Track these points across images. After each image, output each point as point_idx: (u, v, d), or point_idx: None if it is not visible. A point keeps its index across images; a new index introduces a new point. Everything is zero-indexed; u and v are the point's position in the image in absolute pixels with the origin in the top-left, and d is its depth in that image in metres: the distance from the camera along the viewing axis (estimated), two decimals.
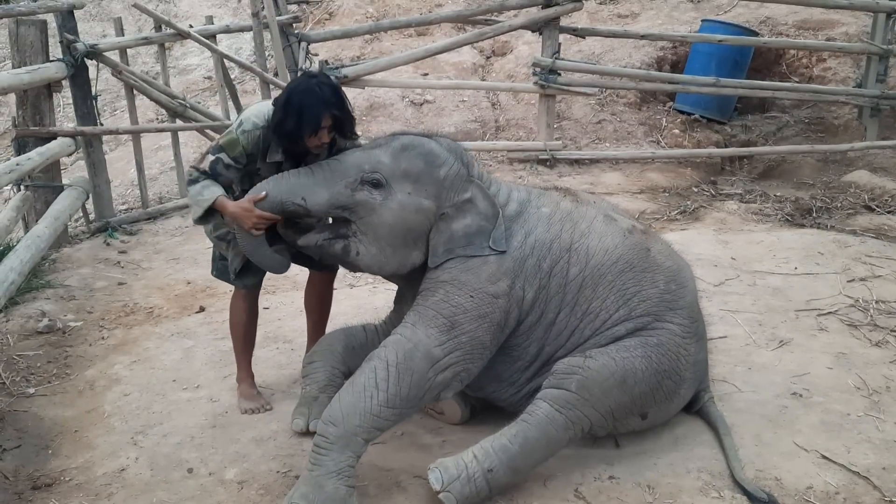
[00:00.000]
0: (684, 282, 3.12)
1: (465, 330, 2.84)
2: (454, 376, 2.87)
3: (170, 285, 5.02)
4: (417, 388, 2.78)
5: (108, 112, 9.09)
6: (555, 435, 2.81)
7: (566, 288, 2.96)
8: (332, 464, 2.65)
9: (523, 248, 2.96)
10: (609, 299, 2.96)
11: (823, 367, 3.68)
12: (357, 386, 2.75)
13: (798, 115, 8.63)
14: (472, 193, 2.98)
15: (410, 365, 2.76)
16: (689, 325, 3.05)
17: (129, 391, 3.62)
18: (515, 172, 7.48)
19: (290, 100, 2.97)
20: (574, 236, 3.01)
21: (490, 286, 2.88)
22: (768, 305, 4.42)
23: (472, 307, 2.85)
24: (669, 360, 2.96)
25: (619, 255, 3.00)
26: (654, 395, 2.97)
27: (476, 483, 2.69)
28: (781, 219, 6.26)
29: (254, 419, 3.33)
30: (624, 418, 2.98)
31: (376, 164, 2.96)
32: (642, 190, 7.20)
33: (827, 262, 5.06)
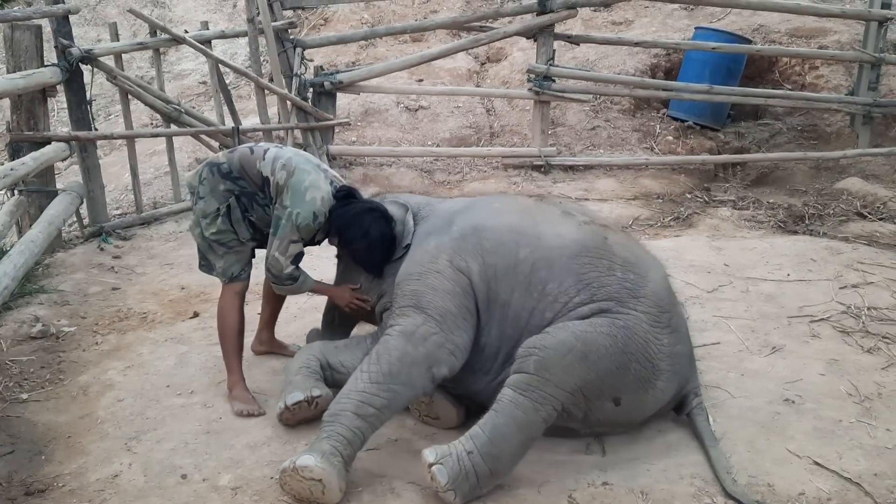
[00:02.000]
0: (644, 272, 3.12)
1: (427, 303, 3.04)
2: (437, 347, 2.99)
3: (164, 291, 5.01)
4: (400, 362, 2.95)
5: (102, 117, 9.07)
6: (523, 418, 2.82)
7: (517, 268, 3.04)
8: (326, 433, 2.87)
9: (463, 230, 3.17)
10: (567, 282, 3.00)
11: (816, 374, 3.70)
12: (352, 376, 3.03)
13: (791, 122, 8.68)
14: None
15: (388, 346, 3.00)
16: (658, 314, 3.03)
17: (123, 397, 3.61)
18: (510, 178, 7.50)
19: (379, 237, 3.39)
20: (525, 223, 3.15)
21: (430, 264, 3.13)
22: (761, 312, 4.44)
23: (422, 284, 3.09)
24: (637, 344, 2.95)
25: (572, 239, 3.08)
26: (624, 378, 2.94)
27: (462, 463, 2.75)
28: (774, 225, 6.29)
29: (248, 425, 3.32)
30: (595, 400, 2.96)
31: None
32: (636, 196, 7.22)
33: (819, 269, 5.09)
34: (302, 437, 3.22)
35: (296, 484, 2.79)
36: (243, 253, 3.59)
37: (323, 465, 2.75)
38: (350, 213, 3.40)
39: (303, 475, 2.76)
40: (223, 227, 3.48)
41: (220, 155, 3.61)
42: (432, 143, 8.13)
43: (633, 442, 3.16)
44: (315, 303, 4.70)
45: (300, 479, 2.77)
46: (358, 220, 3.37)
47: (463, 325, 3.04)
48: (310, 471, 2.75)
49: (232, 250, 3.54)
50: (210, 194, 3.48)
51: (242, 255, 3.58)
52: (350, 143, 7.99)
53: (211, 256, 3.57)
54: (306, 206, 3.38)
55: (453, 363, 3.02)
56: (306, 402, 3.20)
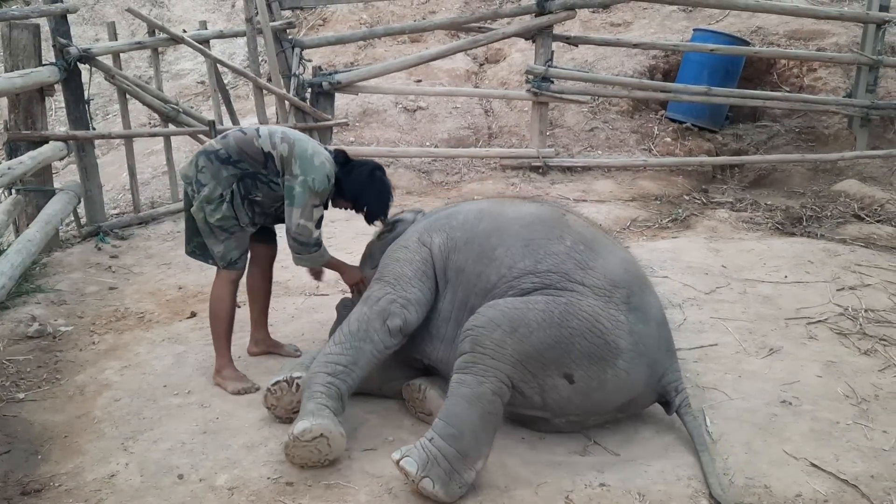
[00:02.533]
0: (597, 248, 3.17)
1: (387, 272, 3.35)
2: (389, 303, 3.23)
3: (161, 290, 5.00)
4: (358, 322, 3.23)
5: (100, 116, 9.08)
6: (469, 392, 2.88)
7: (475, 240, 3.26)
8: (305, 397, 3.07)
9: (437, 217, 3.48)
10: (514, 248, 3.15)
11: (813, 376, 3.70)
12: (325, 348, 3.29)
13: (789, 124, 8.69)
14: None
15: (350, 315, 3.30)
16: (609, 289, 3.04)
17: (120, 396, 3.60)
18: (508, 179, 7.50)
19: (385, 187, 3.71)
20: (492, 207, 3.41)
21: (404, 243, 3.46)
22: (759, 314, 4.45)
23: (389, 259, 3.42)
24: (581, 320, 2.95)
25: (529, 213, 3.31)
26: (569, 353, 2.94)
27: (427, 449, 2.81)
28: (772, 227, 6.30)
29: (245, 425, 3.32)
30: (542, 375, 2.96)
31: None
32: (634, 198, 7.23)
33: (817, 271, 5.09)
34: None
35: (302, 451, 2.93)
36: (243, 239, 3.67)
37: (316, 421, 2.91)
38: (360, 178, 3.65)
39: (304, 439, 2.90)
40: (227, 212, 3.55)
41: (212, 142, 3.66)
42: (430, 144, 8.13)
43: (630, 443, 3.16)
44: (312, 304, 4.70)
45: (304, 444, 2.90)
46: (370, 182, 3.66)
47: (417, 284, 3.28)
48: (309, 432, 2.89)
49: (233, 236, 3.61)
50: (213, 180, 3.53)
51: (242, 241, 3.67)
52: (348, 144, 7.99)
53: (211, 241, 3.63)
54: (318, 171, 3.51)
55: (405, 315, 3.22)
56: (286, 382, 3.28)
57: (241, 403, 3.50)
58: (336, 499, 2.83)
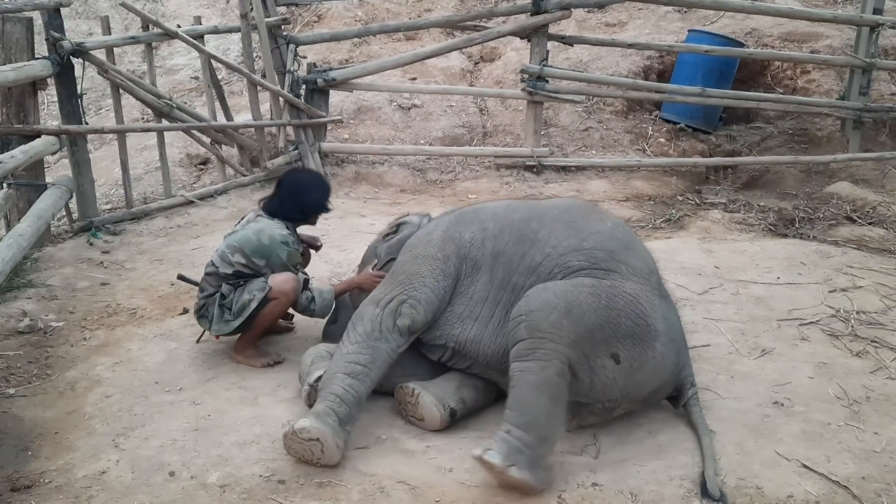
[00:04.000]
0: (633, 236, 3.37)
1: (400, 272, 3.38)
2: (398, 304, 3.28)
3: (153, 286, 4.98)
4: (371, 322, 3.26)
5: (93, 111, 9.02)
6: (535, 379, 2.91)
7: (512, 227, 3.30)
8: (321, 397, 3.12)
9: (465, 213, 3.52)
10: (557, 229, 3.22)
11: (805, 377, 3.72)
12: (336, 348, 3.36)
13: (782, 126, 8.72)
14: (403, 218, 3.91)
15: (360, 314, 3.34)
16: (647, 272, 3.18)
17: (111, 393, 3.59)
18: (502, 178, 7.50)
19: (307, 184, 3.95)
20: (520, 202, 3.50)
21: (427, 237, 3.46)
22: (751, 315, 4.46)
23: (409, 256, 3.43)
24: (625, 301, 3.03)
25: (566, 202, 3.45)
26: (616, 332, 2.99)
27: (508, 441, 2.84)
28: (765, 228, 6.31)
29: (237, 422, 3.31)
30: (594, 357, 2.99)
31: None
32: (628, 198, 7.24)
33: (809, 273, 5.11)
34: None
35: (297, 446, 2.97)
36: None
37: (317, 424, 2.93)
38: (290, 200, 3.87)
39: (301, 437, 2.94)
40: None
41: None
42: (425, 142, 8.12)
43: (623, 443, 3.16)
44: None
45: (300, 441, 2.94)
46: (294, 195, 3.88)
47: (430, 283, 3.31)
48: (307, 432, 2.92)
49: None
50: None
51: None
52: (342, 141, 7.97)
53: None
54: (278, 247, 3.76)
55: (414, 315, 3.27)
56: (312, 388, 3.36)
57: (232, 401, 3.49)
58: (328, 497, 2.83)
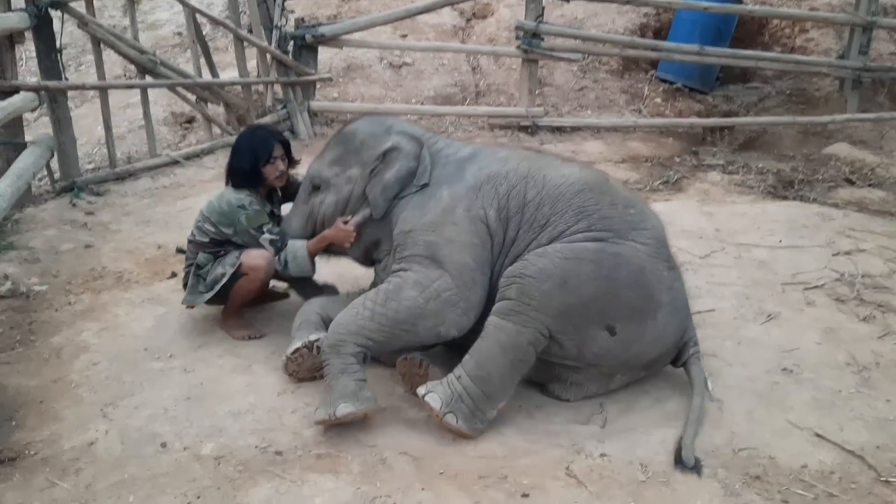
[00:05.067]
0: (645, 211, 3.19)
1: (444, 256, 3.03)
2: (450, 306, 3.00)
3: (140, 249, 4.82)
4: (408, 312, 2.99)
5: (73, 67, 8.72)
6: (506, 340, 2.87)
7: (524, 209, 3.08)
8: (336, 367, 2.93)
9: (478, 178, 3.16)
10: (567, 213, 3.04)
11: (812, 343, 3.63)
12: (350, 305, 3.09)
13: (779, 86, 8.57)
14: (394, 140, 3.28)
15: (400, 292, 3.01)
16: (656, 247, 3.06)
17: (98, 360, 3.45)
18: (496, 139, 7.33)
19: (241, 142, 3.67)
20: (531, 169, 3.17)
21: (447, 216, 3.10)
22: (755, 279, 4.37)
23: (438, 236, 3.07)
24: (629, 271, 2.94)
25: (576, 178, 3.12)
26: (614, 305, 2.92)
27: (452, 386, 2.86)
28: (764, 191, 6.20)
29: (231, 390, 3.19)
30: (584, 328, 2.93)
31: (311, 173, 3.52)
32: (624, 159, 7.10)
33: (811, 236, 5.01)
34: (288, 405, 3.10)
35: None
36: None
37: (363, 405, 2.86)
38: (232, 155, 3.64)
39: (346, 420, 2.85)
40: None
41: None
42: (416, 101, 7.92)
43: (630, 411, 3.07)
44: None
45: (341, 422, 2.86)
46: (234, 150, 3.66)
47: (480, 279, 3.05)
48: (353, 415, 2.84)
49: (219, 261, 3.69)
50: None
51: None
52: (332, 100, 7.77)
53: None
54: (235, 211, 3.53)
55: (463, 324, 3.05)
56: (305, 348, 3.19)
57: (225, 369, 3.37)
58: (328, 469, 2.72)
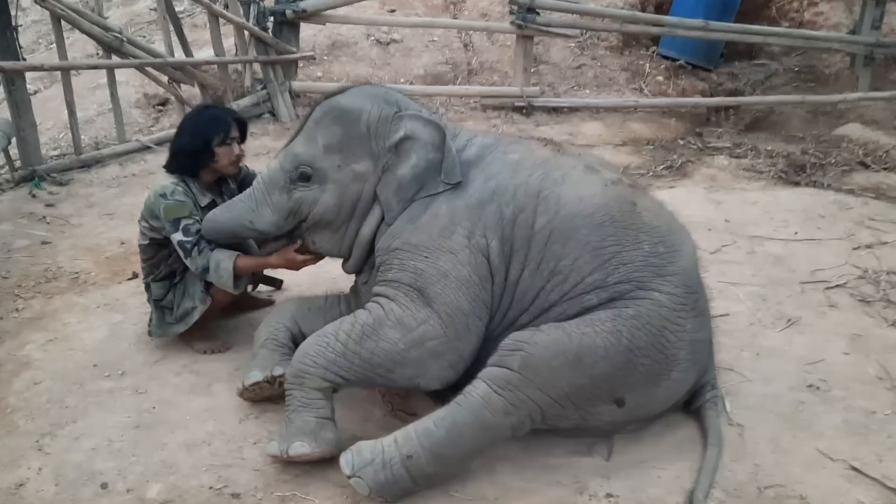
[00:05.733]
0: (676, 245, 2.63)
1: (435, 294, 2.51)
2: (434, 357, 2.51)
3: (101, 246, 4.43)
4: (385, 356, 2.50)
5: (42, 46, 8.30)
6: (491, 419, 2.39)
7: (531, 241, 2.54)
8: (297, 400, 2.53)
9: (482, 194, 2.60)
10: (582, 258, 2.51)
11: (839, 353, 3.27)
12: (321, 332, 2.61)
13: (787, 62, 8.17)
14: (408, 127, 2.69)
15: (378, 331, 2.52)
16: (683, 295, 2.55)
17: (41, 378, 3.07)
18: (489, 120, 6.94)
19: (189, 120, 3.16)
20: (544, 183, 2.60)
21: (444, 241, 2.55)
22: (770, 277, 4.00)
23: (430, 267, 2.52)
24: (648, 334, 2.47)
25: (596, 205, 2.56)
26: (628, 377, 2.48)
27: (393, 470, 2.35)
28: (774, 176, 5.82)
29: (186, 417, 2.81)
30: (590, 405, 2.51)
31: (295, 157, 2.76)
32: (625, 142, 6.71)
33: (829, 227, 4.65)
34: (250, 433, 2.73)
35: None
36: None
37: (320, 447, 2.48)
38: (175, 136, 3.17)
39: (300, 461, 2.49)
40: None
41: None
42: (405, 81, 7.49)
43: (638, 441, 2.69)
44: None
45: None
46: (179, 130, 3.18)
47: (474, 327, 2.54)
48: (308, 457, 2.47)
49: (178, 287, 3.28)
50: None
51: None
52: (315, 80, 7.33)
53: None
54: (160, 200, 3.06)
55: (447, 378, 2.56)
56: (266, 382, 2.78)
57: (182, 389, 2.99)
58: None
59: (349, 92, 2.81)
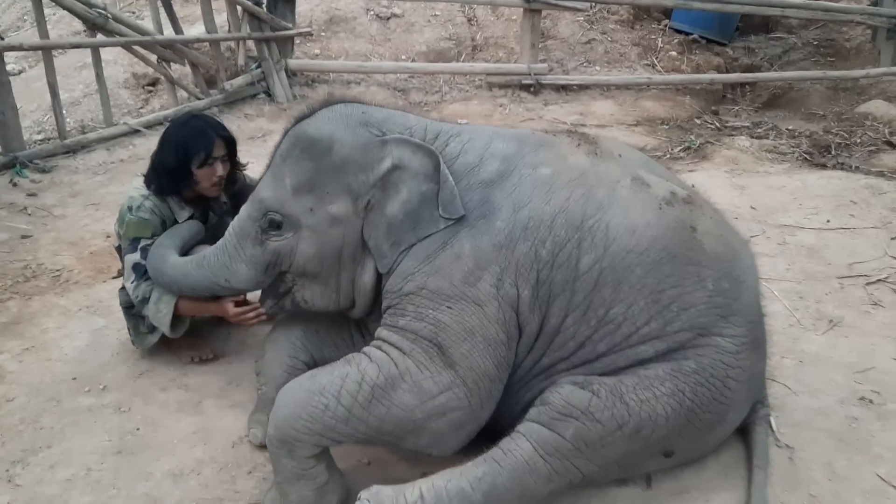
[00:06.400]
0: (740, 276, 2.28)
1: (459, 356, 2.08)
2: (454, 428, 2.13)
3: (84, 239, 4.14)
4: (397, 423, 2.09)
5: (28, 23, 7.95)
6: (532, 486, 2.07)
7: (576, 284, 2.14)
8: (289, 470, 2.13)
9: (512, 229, 2.16)
10: (637, 305, 2.14)
11: (889, 359, 2.99)
12: (314, 384, 2.11)
13: (806, 36, 7.86)
14: (394, 155, 2.23)
15: (391, 393, 2.08)
16: (746, 334, 2.24)
17: (14, 395, 2.79)
18: (495, 99, 6.63)
19: (170, 133, 2.77)
20: (588, 209, 2.19)
21: (469, 289, 2.11)
22: (805, 271, 3.71)
23: (455, 322, 2.10)
24: (710, 389, 2.17)
25: (652, 238, 2.17)
26: (684, 434, 2.20)
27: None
28: (799, 157, 5.53)
29: (172, 441, 2.53)
30: (637, 464, 2.25)
31: (261, 203, 2.33)
32: (638, 121, 6.40)
33: (863, 214, 4.36)
34: (244, 460, 2.45)
35: None
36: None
37: None
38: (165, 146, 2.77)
39: None
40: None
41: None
42: (407, 58, 7.17)
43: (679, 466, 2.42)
44: None
45: None
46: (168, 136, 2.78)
47: (496, 391, 2.17)
48: None
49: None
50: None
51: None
52: (313, 57, 7.01)
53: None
54: (123, 215, 2.79)
55: (461, 444, 2.20)
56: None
57: (169, 407, 2.71)
58: None
59: (318, 115, 2.33)
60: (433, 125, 2.36)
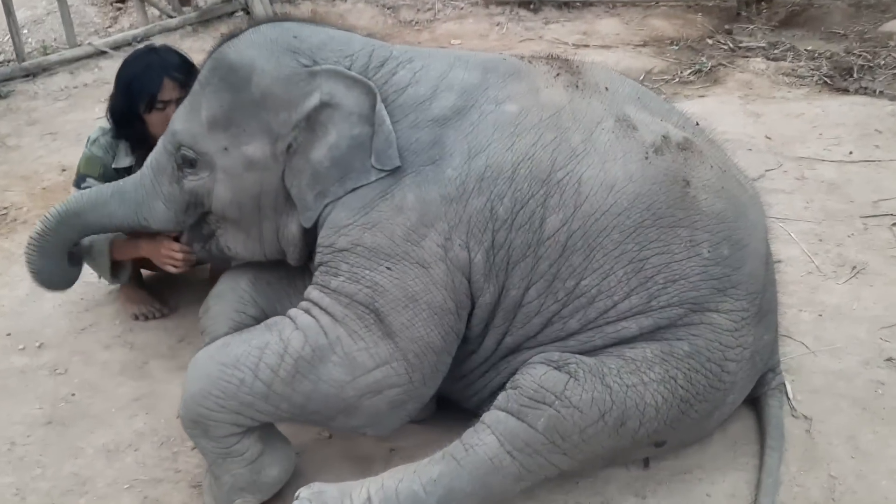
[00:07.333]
0: (743, 240, 1.94)
1: (400, 325, 1.82)
2: (392, 407, 1.86)
3: (38, 173, 3.83)
4: (325, 401, 1.83)
5: None
6: (498, 487, 1.79)
7: (540, 249, 1.84)
8: (211, 450, 1.89)
9: (465, 179, 1.84)
10: (614, 276, 1.83)
11: None
12: (227, 356, 1.85)
13: None
14: (324, 90, 1.91)
15: (319, 367, 1.81)
16: (747, 307, 1.92)
17: None
18: (492, 18, 6.19)
19: (121, 70, 2.51)
20: (558, 158, 1.86)
21: (412, 248, 1.82)
22: (826, 209, 3.38)
23: (394, 285, 1.82)
24: (707, 376, 1.88)
25: (634, 195, 1.85)
26: (675, 426, 1.91)
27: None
28: (819, 81, 5.10)
29: (108, 407, 2.26)
30: (623, 456, 1.98)
31: (174, 136, 2.05)
32: (646, 42, 5.95)
33: (889, 144, 4.00)
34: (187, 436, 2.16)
35: None
36: None
37: (267, 492, 1.93)
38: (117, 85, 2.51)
39: None
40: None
41: None
42: None
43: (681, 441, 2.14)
44: None
45: None
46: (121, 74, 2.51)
47: (442, 366, 1.90)
48: None
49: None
50: None
51: None
52: None
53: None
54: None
55: (400, 424, 1.94)
56: None
57: (111, 368, 2.44)
58: None
59: (242, 37, 2.00)
60: (382, 50, 2.00)
